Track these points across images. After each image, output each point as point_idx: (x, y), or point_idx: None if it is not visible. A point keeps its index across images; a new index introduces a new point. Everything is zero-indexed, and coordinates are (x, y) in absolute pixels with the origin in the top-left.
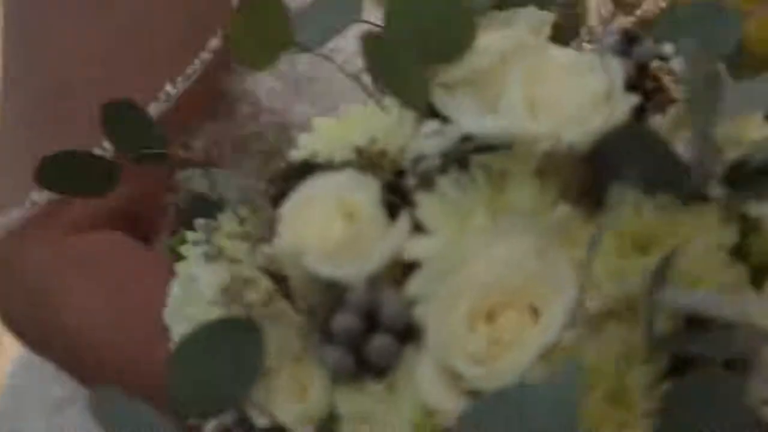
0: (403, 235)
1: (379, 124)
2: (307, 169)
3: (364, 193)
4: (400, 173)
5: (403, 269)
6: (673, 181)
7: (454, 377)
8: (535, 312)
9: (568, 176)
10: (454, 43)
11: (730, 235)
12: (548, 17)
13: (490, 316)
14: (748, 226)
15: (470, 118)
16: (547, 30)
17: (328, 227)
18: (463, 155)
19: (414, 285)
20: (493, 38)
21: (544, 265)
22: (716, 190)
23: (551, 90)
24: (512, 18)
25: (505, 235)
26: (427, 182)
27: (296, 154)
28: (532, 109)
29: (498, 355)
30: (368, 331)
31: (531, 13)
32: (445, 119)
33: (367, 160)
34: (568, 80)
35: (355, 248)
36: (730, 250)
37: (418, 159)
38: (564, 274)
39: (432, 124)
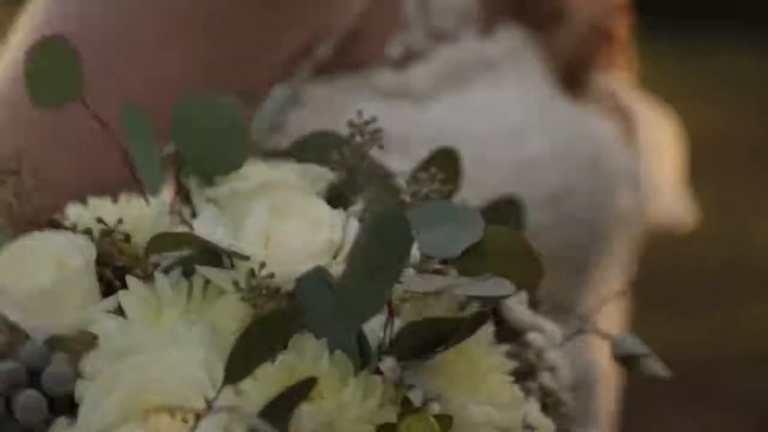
0: (101, 309)
1: (140, 213)
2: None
3: (80, 257)
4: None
5: None
6: (348, 345)
7: None
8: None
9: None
10: (226, 161)
11: (384, 413)
12: (327, 175)
13: (145, 414)
14: (407, 410)
15: (207, 224)
16: (322, 185)
17: (35, 277)
18: (191, 264)
19: (88, 360)
20: (258, 168)
21: (207, 378)
22: (387, 365)
23: (287, 228)
24: (288, 164)
25: (184, 341)
26: (148, 276)
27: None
28: (265, 239)
29: None
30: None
31: (313, 167)
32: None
33: (107, 238)
34: (304, 224)
35: (53, 305)
36: (381, 427)
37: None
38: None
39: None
